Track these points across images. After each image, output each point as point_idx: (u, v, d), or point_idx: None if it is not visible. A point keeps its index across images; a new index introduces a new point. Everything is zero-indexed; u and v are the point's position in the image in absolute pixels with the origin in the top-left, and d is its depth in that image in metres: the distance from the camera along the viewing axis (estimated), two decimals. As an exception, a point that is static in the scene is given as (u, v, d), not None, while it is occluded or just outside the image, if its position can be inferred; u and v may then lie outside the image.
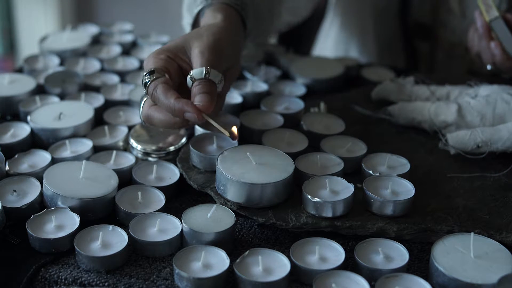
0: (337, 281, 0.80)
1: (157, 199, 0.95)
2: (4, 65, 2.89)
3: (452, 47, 1.47)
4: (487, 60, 1.18)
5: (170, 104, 0.90)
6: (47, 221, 0.89)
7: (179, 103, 0.90)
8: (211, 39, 0.97)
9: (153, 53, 0.96)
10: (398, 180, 0.95)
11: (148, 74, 0.93)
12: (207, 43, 0.96)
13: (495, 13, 1.13)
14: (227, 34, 1.00)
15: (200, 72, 0.93)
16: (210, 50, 0.95)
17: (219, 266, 0.82)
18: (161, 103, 0.91)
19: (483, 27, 1.16)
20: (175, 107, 0.90)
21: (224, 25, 1.01)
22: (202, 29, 1.00)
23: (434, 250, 0.84)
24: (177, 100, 0.90)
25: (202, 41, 0.96)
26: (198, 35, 0.98)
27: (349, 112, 1.17)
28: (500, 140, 1.03)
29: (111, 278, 0.84)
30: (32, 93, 1.18)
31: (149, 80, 0.92)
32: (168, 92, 0.91)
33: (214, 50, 0.96)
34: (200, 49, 0.95)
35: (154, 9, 2.79)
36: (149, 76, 0.93)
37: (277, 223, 0.90)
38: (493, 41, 1.15)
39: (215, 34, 0.98)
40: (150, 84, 0.92)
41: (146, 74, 0.93)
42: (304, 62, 1.34)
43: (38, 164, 1.00)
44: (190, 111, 0.90)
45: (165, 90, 0.91)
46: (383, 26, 1.56)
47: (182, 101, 0.90)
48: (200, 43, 0.96)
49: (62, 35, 1.42)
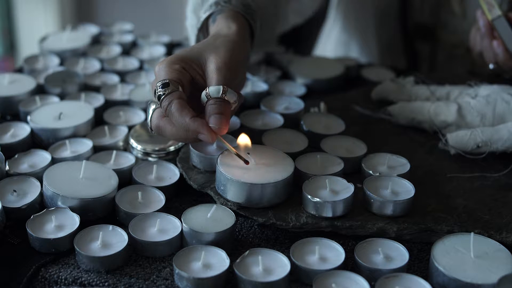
0: (337, 281, 0.80)
1: (157, 199, 0.95)
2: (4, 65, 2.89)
3: (453, 47, 1.47)
4: (490, 60, 1.18)
5: (184, 123, 0.88)
6: (47, 221, 0.89)
7: (194, 124, 0.88)
8: (228, 55, 0.94)
9: (167, 62, 0.93)
10: (398, 180, 0.95)
11: (162, 87, 0.90)
12: (224, 59, 0.94)
13: (498, 12, 1.13)
14: (242, 49, 0.98)
15: (217, 91, 0.91)
16: (227, 67, 0.93)
17: (219, 266, 0.82)
18: (176, 121, 0.89)
19: (486, 26, 1.16)
20: (190, 127, 0.88)
21: (238, 39, 0.99)
22: (218, 41, 0.97)
23: (434, 250, 0.84)
24: (192, 120, 0.88)
25: (219, 56, 0.94)
26: (214, 48, 0.95)
27: (349, 112, 1.17)
28: (500, 140, 1.03)
29: (111, 278, 0.84)
30: (32, 93, 1.18)
31: (163, 93, 0.90)
32: (183, 110, 0.89)
33: (231, 67, 0.94)
34: (217, 65, 0.93)
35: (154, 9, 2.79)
36: (163, 89, 0.90)
37: (277, 223, 0.90)
38: (496, 40, 1.15)
39: (232, 50, 0.95)
40: (164, 98, 0.90)
41: (160, 86, 0.90)
42: (304, 62, 1.34)
43: (38, 164, 1.00)
44: (204, 133, 0.88)
45: (181, 108, 0.89)
46: (384, 27, 1.56)
47: (198, 122, 0.88)
48: (217, 59, 0.94)
49: (62, 35, 1.42)
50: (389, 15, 1.54)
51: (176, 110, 0.89)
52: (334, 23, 1.63)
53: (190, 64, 0.94)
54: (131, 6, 2.80)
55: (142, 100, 1.15)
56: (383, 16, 1.55)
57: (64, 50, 1.35)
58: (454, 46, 1.46)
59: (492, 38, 1.16)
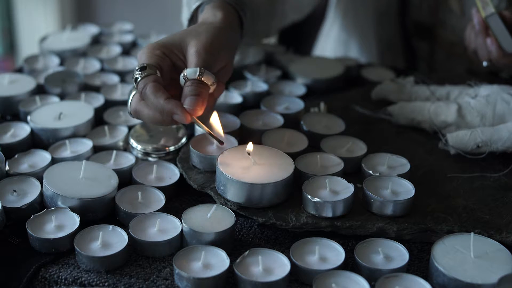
0: (337, 281, 0.80)
1: (157, 199, 0.95)
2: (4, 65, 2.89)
3: (452, 46, 1.47)
4: (483, 57, 1.18)
5: (159, 104, 0.90)
6: (47, 221, 0.89)
7: (169, 105, 0.90)
8: (209, 39, 0.96)
9: (148, 47, 0.95)
10: (398, 180, 0.95)
11: (139, 70, 0.92)
12: (204, 43, 0.95)
13: (491, 9, 1.13)
14: (225, 35, 0.99)
15: (193, 72, 0.93)
16: (206, 51, 0.95)
17: (219, 266, 0.82)
18: (150, 103, 0.91)
19: (480, 24, 1.16)
20: (164, 108, 0.90)
21: (223, 25, 1.01)
22: (201, 28, 0.99)
23: (434, 250, 0.84)
24: (167, 101, 0.90)
25: (200, 40, 0.96)
26: (196, 34, 0.97)
27: (349, 112, 1.17)
28: (500, 140, 1.03)
29: (111, 278, 0.84)
30: (32, 93, 1.18)
31: (140, 76, 0.92)
32: (158, 92, 0.90)
33: (211, 51, 0.95)
34: (196, 48, 0.95)
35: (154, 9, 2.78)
36: (140, 72, 0.92)
37: (277, 223, 0.90)
38: (489, 38, 1.15)
39: (213, 35, 0.97)
40: (140, 80, 0.92)
41: (138, 69, 0.92)
42: (304, 62, 1.34)
43: (38, 164, 1.00)
44: (178, 113, 0.90)
45: (155, 90, 0.90)
46: (383, 26, 1.56)
47: (172, 103, 0.90)
48: (197, 42, 0.95)
49: (62, 35, 1.42)
50: (388, 14, 1.54)
51: (151, 92, 0.90)
52: (334, 22, 1.63)
53: (171, 50, 0.96)
54: (131, 6, 2.80)
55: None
56: (382, 15, 1.55)
57: (64, 50, 1.35)
58: (452, 44, 1.46)
59: (486, 36, 1.15)
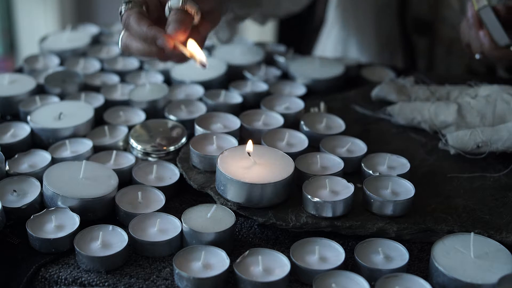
0: (337, 281, 0.80)
1: (157, 199, 0.95)
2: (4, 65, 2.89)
3: (452, 42, 1.47)
4: (476, 49, 1.18)
5: (142, 32, 0.94)
6: (47, 221, 0.89)
7: (151, 31, 0.94)
8: None
9: None
10: (398, 180, 0.95)
11: (125, 5, 0.96)
12: None
13: (484, 2, 1.14)
14: None
15: (177, 1, 0.96)
16: None
17: (219, 266, 0.82)
18: (134, 32, 0.95)
19: (473, 17, 1.16)
20: (148, 35, 0.94)
21: None
22: None
23: (434, 250, 0.84)
24: (150, 28, 0.94)
25: None
26: None
27: (349, 112, 1.17)
28: (500, 140, 1.03)
29: (111, 278, 0.84)
30: (32, 93, 1.18)
31: (124, 9, 0.96)
32: (141, 21, 0.94)
33: None
34: None
35: (154, 9, 2.78)
36: (125, 5, 0.96)
37: (277, 223, 0.90)
38: (482, 30, 1.15)
39: None
40: (124, 13, 0.96)
41: (123, 4, 0.96)
42: (304, 62, 1.34)
43: (38, 164, 1.00)
44: (161, 38, 0.93)
45: (138, 19, 0.94)
46: (383, 22, 1.56)
47: (154, 29, 0.94)
48: None
49: (62, 35, 1.42)
50: (388, 9, 1.54)
51: (134, 22, 0.95)
52: (334, 22, 1.63)
53: None
54: (131, 6, 2.80)
55: (142, 100, 1.15)
56: (382, 12, 1.55)
57: (64, 50, 1.35)
58: (452, 41, 1.46)
59: (479, 28, 1.15)
